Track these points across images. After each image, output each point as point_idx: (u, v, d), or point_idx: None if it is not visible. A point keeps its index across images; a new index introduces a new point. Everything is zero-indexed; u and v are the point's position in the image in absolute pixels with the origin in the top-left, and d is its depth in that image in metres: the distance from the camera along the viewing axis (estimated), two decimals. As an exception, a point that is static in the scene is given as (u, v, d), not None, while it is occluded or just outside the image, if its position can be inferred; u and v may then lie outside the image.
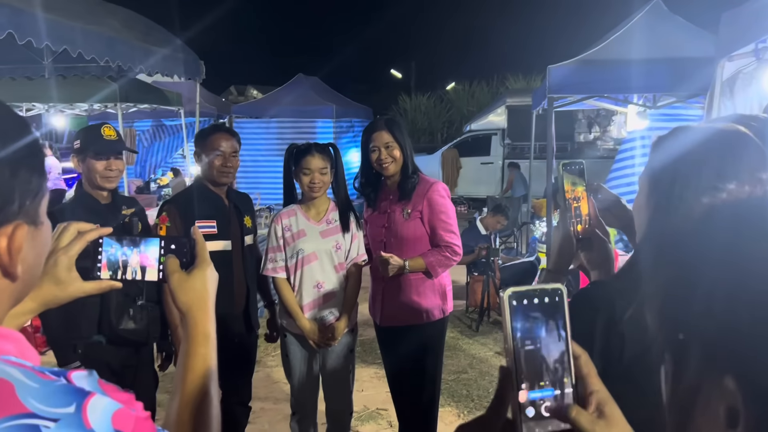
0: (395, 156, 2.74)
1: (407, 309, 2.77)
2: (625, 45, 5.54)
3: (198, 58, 7.49)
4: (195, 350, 0.98)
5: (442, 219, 2.74)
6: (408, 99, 26.03)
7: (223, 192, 2.81)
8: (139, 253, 1.01)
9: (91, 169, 2.49)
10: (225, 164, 2.71)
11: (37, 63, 7.90)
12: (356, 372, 4.36)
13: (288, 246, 2.76)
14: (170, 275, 1.00)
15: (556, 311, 0.63)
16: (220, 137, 2.73)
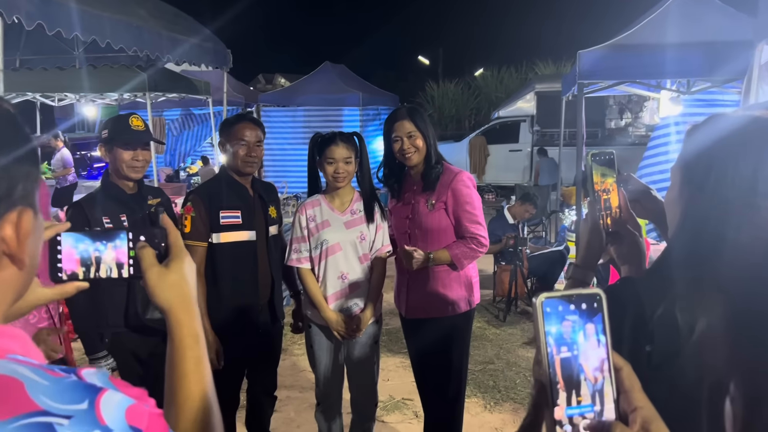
0: (418, 146, 2.68)
1: (433, 301, 2.73)
2: (658, 29, 5.38)
3: (225, 47, 7.51)
4: (185, 354, 0.87)
5: (467, 210, 2.68)
6: (435, 86, 25.83)
7: (248, 182, 2.79)
8: (114, 248, 0.90)
9: (117, 158, 2.50)
10: (249, 154, 2.69)
11: (68, 53, 8.05)
12: (381, 361, 4.36)
13: (312, 236, 2.74)
14: (147, 270, 0.88)
15: (594, 317, 0.59)
16: (245, 127, 2.71)
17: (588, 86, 5.79)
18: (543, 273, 5.98)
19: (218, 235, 2.66)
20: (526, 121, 13.46)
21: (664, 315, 0.97)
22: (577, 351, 0.58)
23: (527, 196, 6.25)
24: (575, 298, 0.58)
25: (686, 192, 1.02)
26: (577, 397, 0.57)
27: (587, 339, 0.58)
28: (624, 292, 1.06)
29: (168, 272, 0.88)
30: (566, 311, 0.58)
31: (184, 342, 0.87)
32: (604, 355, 0.58)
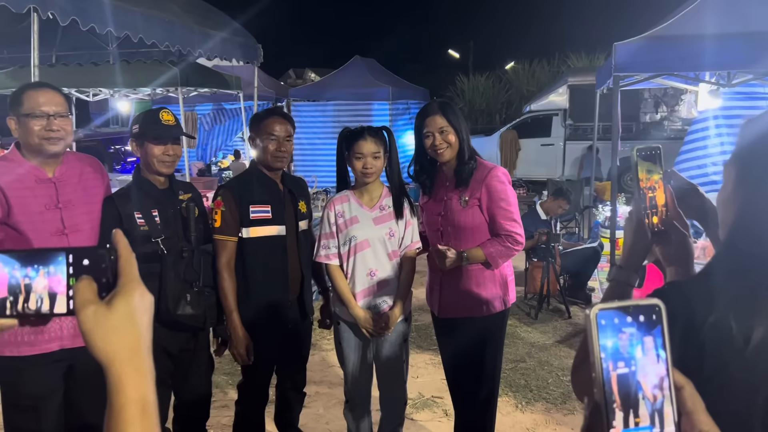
0: (450, 141, 2.62)
1: (466, 300, 2.67)
2: (697, 19, 5.21)
3: (256, 42, 7.53)
4: (125, 429, 0.64)
5: (502, 206, 2.60)
6: (466, 79, 25.61)
7: (278, 176, 2.77)
8: (47, 275, 0.70)
9: (148, 153, 2.50)
10: (279, 149, 2.67)
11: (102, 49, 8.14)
12: (411, 358, 4.32)
13: (341, 233, 2.71)
14: (80, 308, 0.67)
15: (654, 330, 0.54)
16: (274, 121, 2.69)
17: (624, 79, 5.65)
18: (576, 270, 5.87)
19: (248, 229, 2.65)
20: (559, 115, 13.24)
21: (716, 323, 0.91)
22: (635, 367, 0.53)
23: (560, 192, 6.13)
24: (632, 309, 0.54)
25: (742, 190, 0.96)
26: (635, 418, 0.53)
27: (645, 354, 0.54)
28: (672, 297, 1.00)
29: (109, 312, 0.67)
30: (623, 323, 0.53)
31: (126, 412, 0.64)
32: (664, 372, 0.54)
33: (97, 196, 2.45)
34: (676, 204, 1.18)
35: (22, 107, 2.21)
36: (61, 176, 2.32)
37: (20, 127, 2.23)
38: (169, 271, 2.45)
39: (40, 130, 2.20)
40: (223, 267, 2.62)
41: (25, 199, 2.20)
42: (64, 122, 2.25)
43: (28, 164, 2.26)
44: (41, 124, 2.20)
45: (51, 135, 2.21)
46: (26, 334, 2.24)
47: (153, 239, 2.45)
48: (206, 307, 2.59)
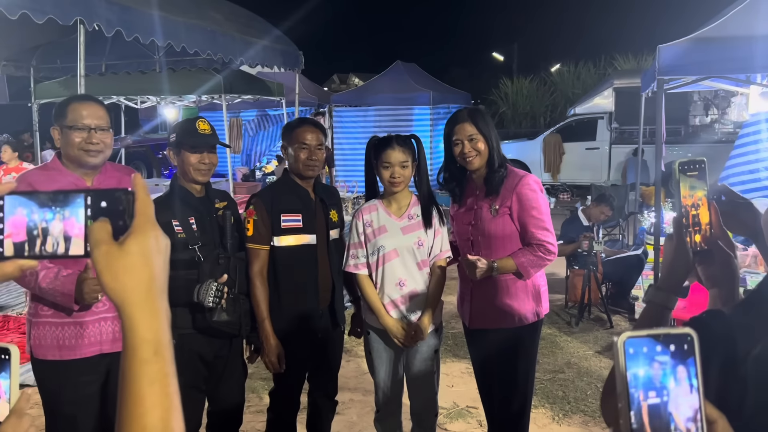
0: (479, 149, 2.58)
1: (498, 311, 2.63)
2: (747, 20, 5.03)
3: (297, 49, 7.62)
4: (140, 369, 0.64)
5: (534, 215, 2.56)
6: (509, 82, 25.34)
7: (309, 185, 2.79)
8: (63, 218, 0.71)
9: (185, 161, 2.53)
10: (311, 157, 2.69)
11: (149, 58, 8.38)
12: (447, 367, 4.30)
13: (369, 242, 2.70)
14: (94, 248, 0.67)
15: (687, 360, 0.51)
16: (306, 130, 2.71)
17: (668, 82, 5.48)
18: (619, 278, 5.73)
19: (279, 238, 2.67)
20: (604, 118, 12.96)
21: (761, 356, 0.86)
22: (667, 397, 0.52)
23: (603, 197, 6.00)
24: (663, 338, 0.52)
25: None
26: None
27: (678, 384, 0.52)
28: (712, 326, 0.94)
29: (122, 252, 0.66)
30: (653, 352, 0.51)
31: (139, 352, 0.64)
32: (697, 404, 0.51)
33: None
34: (721, 222, 1.12)
35: (65, 119, 2.30)
36: (99, 185, 2.39)
37: (62, 138, 2.31)
38: (206, 279, 2.49)
39: (80, 142, 2.28)
40: (255, 275, 2.65)
41: None
42: (104, 136, 2.33)
43: (68, 173, 2.34)
44: (82, 136, 2.28)
45: (90, 147, 2.29)
46: (67, 339, 2.31)
47: (190, 246, 2.49)
48: (241, 313, 2.62)
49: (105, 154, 2.35)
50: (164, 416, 0.63)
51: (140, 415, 0.63)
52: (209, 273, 2.49)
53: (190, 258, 2.48)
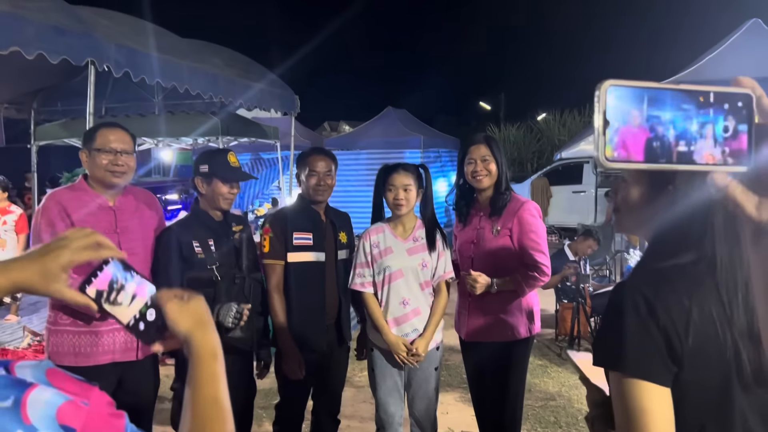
0: (490, 170, 2.80)
1: (493, 325, 2.80)
2: (721, 65, 5.37)
3: (293, 93, 7.89)
4: (202, 368, 0.92)
5: (532, 238, 2.75)
6: (497, 130, 25.90)
7: (321, 209, 3.00)
8: (137, 284, 0.97)
9: (216, 191, 2.72)
10: (319, 183, 2.90)
11: (148, 101, 8.61)
12: (441, 395, 4.38)
13: (375, 262, 2.87)
14: (166, 303, 0.97)
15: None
16: (316, 158, 2.94)
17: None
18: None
19: (291, 254, 2.86)
20: (590, 163, 13.30)
21: None
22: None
23: (589, 232, 6.20)
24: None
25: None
26: None
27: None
28: None
29: (187, 304, 0.98)
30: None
31: (202, 359, 0.93)
32: None
33: (151, 225, 2.69)
34: None
35: (94, 142, 2.51)
36: (120, 205, 2.59)
37: (90, 160, 2.52)
38: (222, 297, 2.65)
39: (107, 164, 2.49)
40: (273, 289, 2.84)
41: (88, 223, 2.44)
42: (128, 159, 2.54)
43: (93, 193, 2.54)
44: (109, 158, 2.49)
45: (116, 169, 2.51)
46: (83, 346, 2.45)
47: (208, 266, 2.66)
48: (254, 330, 2.77)
49: (128, 176, 2.54)
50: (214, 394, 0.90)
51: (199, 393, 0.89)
52: (226, 292, 2.66)
53: (208, 277, 2.64)
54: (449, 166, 13.98)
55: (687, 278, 1.08)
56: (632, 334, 1.06)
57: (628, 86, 0.57)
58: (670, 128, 0.58)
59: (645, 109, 0.57)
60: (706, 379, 1.06)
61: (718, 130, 0.59)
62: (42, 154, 8.27)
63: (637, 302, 1.07)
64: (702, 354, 1.05)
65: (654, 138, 0.57)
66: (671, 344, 1.05)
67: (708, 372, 1.06)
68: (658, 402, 1.03)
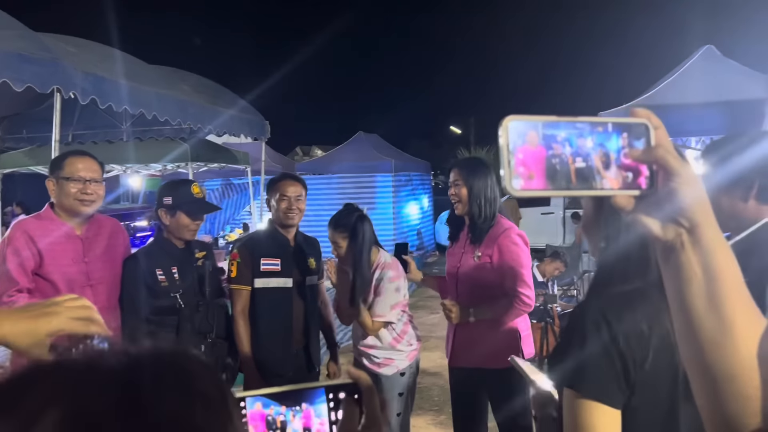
0: (460, 195, 2.74)
1: (477, 352, 2.73)
2: (678, 90, 5.56)
3: (263, 119, 7.90)
4: None
5: (512, 266, 2.65)
6: (467, 153, 26.20)
7: (291, 234, 3.02)
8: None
9: (180, 224, 2.72)
10: (290, 207, 2.93)
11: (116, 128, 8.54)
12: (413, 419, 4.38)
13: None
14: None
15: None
16: (286, 183, 2.98)
17: (611, 146, 5.91)
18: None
19: (258, 280, 2.88)
20: (558, 185, 13.54)
21: None
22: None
23: (556, 254, 6.31)
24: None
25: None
26: None
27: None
28: None
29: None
30: None
31: None
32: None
33: (118, 254, 2.68)
34: None
35: (62, 171, 2.49)
36: (87, 234, 2.58)
37: (58, 188, 2.50)
38: (186, 323, 2.65)
39: (76, 193, 2.47)
40: (238, 314, 2.84)
41: (55, 253, 2.43)
42: (97, 187, 2.53)
43: (60, 222, 2.52)
44: (78, 187, 2.48)
45: (85, 198, 2.49)
46: None
47: (172, 294, 2.66)
48: (218, 356, 2.76)
49: (97, 204, 2.54)
50: None
51: None
52: (189, 318, 2.65)
53: (171, 305, 2.64)
54: (420, 189, 14.08)
55: (648, 303, 1.13)
56: (593, 358, 1.11)
57: (529, 120, 0.61)
58: (572, 157, 0.61)
59: (547, 140, 0.61)
60: (655, 401, 1.12)
61: (617, 157, 0.63)
62: (6, 181, 8.15)
63: (599, 326, 1.12)
64: (655, 379, 1.11)
65: (557, 166, 0.61)
66: (627, 370, 1.10)
67: (658, 395, 1.12)
68: (609, 423, 1.09)
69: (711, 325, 0.64)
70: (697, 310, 0.64)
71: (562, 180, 0.60)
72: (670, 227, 0.64)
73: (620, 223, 1.16)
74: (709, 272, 0.63)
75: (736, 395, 0.64)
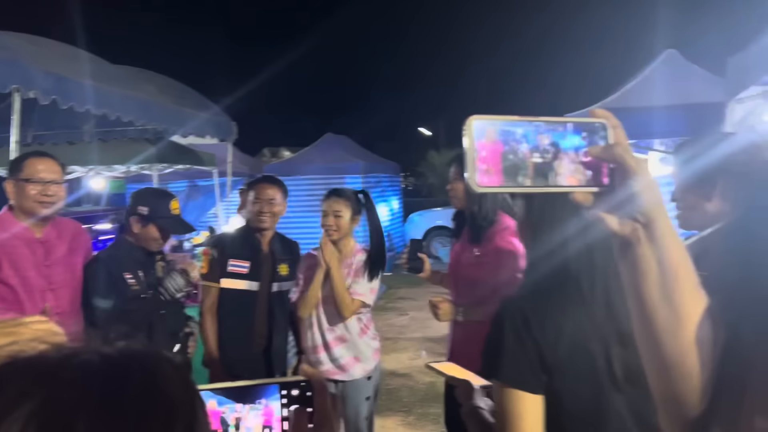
0: (457, 190, 2.75)
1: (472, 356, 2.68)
2: (642, 93, 5.67)
3: (230, 120, 7.82)
4: None
5: (506, 267, 2.58)
6: (437, 155, 26.35)
7: (266, 237, 2.98)
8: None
9: (149, 235, 2.66)
10: (261, 210, 2.89)
11: (78, 128, 8.35)
12: (382, 420, 4.39)
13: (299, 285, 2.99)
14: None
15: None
16: (261, 185, 2.96)
17: (577, 148, 6.00)
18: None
19: (225, 280, 2.87)
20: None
21: None
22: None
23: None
24: None
25: None
26: None
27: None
28: None
29: None
30: None
31: None
32: None
33: (79, 257, 2.62)
34: None
35: (21, 172, 2.42)
36: (48, 238, 2.51)
37: (17, 190, 2.42)
38: (157, 325, 2.61)
39: (36, 195, 2.40)
40: (206, 310, 2.85)
41: (15, 257, 2.36)
42: (58, 189, 2.47)
43: (19, 225, 2.44)
44: (38, 189, 2.40)
45: (45, 200, 2.42)
46: None
47: (142, 296, 2.62)
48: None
49: (58, 206, 2.48)
50: None
51: None
52: (159, 319, 2.63)
53: (142, 307, 2.61)
54: (390, 191, 14.09)
55: (561, 296, 1.26)
56: (509, 348, 1.22)
57: (491, 120, 0.62)
58: (533, 156, 0.62)
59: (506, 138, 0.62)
60: (578, 388, 1.22)
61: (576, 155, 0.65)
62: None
63: (515, 318, 1.24)
64: (573, 365, 1.22)
65: (516, 162, 0.62)
66: (543, 356, 1.21)
67: (580, 382, 1.22)
68: (529, 408, 1.21)
69: (665, 314, 0.68)
70: (652, 300, 0.68)
71: (521, 176, 0.61)
72: (627, 223, 0.67)
73: (546, 225, 1.28)
74: (664, 265, 0.67)
75: (684, 375, 0.69)
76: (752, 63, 3.31)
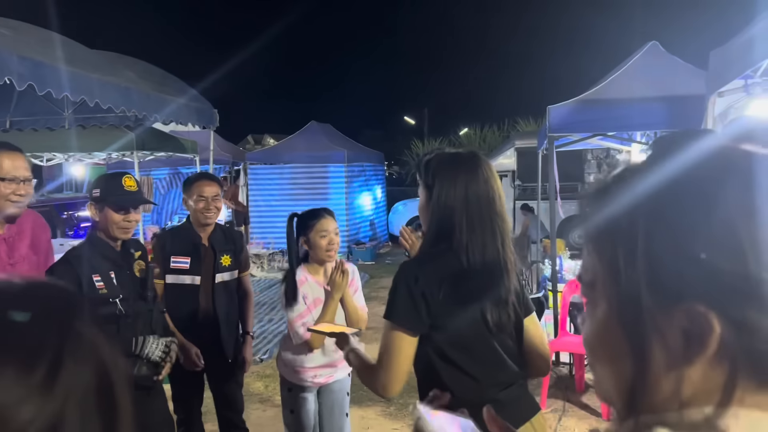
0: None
1: None
2: (623, 84, 5.66)
3: (212, 107, 7.73)
4: None
5: None
6: (421, 144, 26.34)
7: (207, 232, 3.10)
8: None
9: (108, 219, 2.46)
10: (207, 207, 3.03)
11: (58, 114, 8.23)
12: (363, 411, 4.41)
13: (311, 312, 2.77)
14: None
15: None
16: (202, 183, 3.07)
17: (558, 140, 6.02)
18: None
19: (169, 276, 3.02)
20: (508, 176, 13.75)
21: None
22: None
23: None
24: None
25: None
26: None
27: None
28: None
29: None
30: None
31: None
32: None
33: (43, 253, 2.55)
34: None
35: None
36: (10, 233, 2.40)
37: None
38: (128, 332, 2.44)
39: (9, 194, 2.28)
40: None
41: None
42: (29, 186, 2.37)
43: None
44: (11, 188, 2.28)
45: (18, 198, 2.31)
46: None
47: (111, 300, 2.42)
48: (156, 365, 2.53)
49: (26, 204, 2.37)
50: None
51: None
52: (130, 327, 2.46)
53: (110, 312, 2.40)
54: (374, 180, 14.07)
55: (444, 259, 1.67)
56: (401, 298, 1.64)
57: None
58: None
59: None
60: (461, 327, 1.65)
61: None
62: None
63: (408, 275, 1.66)
64: (453, 311, 1.64)
65: None
66: (428, 305, 1.62)
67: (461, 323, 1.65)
68: (406, 344, 1.64)
69: None
70: None
71: None
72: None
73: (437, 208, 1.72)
74: None
75: None
76: (734, 57, 3.32)
